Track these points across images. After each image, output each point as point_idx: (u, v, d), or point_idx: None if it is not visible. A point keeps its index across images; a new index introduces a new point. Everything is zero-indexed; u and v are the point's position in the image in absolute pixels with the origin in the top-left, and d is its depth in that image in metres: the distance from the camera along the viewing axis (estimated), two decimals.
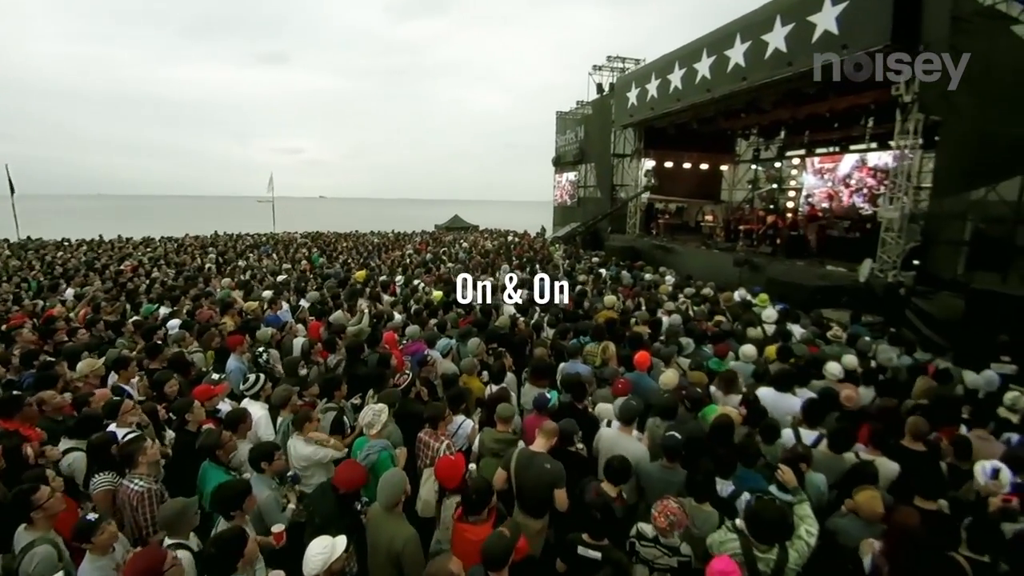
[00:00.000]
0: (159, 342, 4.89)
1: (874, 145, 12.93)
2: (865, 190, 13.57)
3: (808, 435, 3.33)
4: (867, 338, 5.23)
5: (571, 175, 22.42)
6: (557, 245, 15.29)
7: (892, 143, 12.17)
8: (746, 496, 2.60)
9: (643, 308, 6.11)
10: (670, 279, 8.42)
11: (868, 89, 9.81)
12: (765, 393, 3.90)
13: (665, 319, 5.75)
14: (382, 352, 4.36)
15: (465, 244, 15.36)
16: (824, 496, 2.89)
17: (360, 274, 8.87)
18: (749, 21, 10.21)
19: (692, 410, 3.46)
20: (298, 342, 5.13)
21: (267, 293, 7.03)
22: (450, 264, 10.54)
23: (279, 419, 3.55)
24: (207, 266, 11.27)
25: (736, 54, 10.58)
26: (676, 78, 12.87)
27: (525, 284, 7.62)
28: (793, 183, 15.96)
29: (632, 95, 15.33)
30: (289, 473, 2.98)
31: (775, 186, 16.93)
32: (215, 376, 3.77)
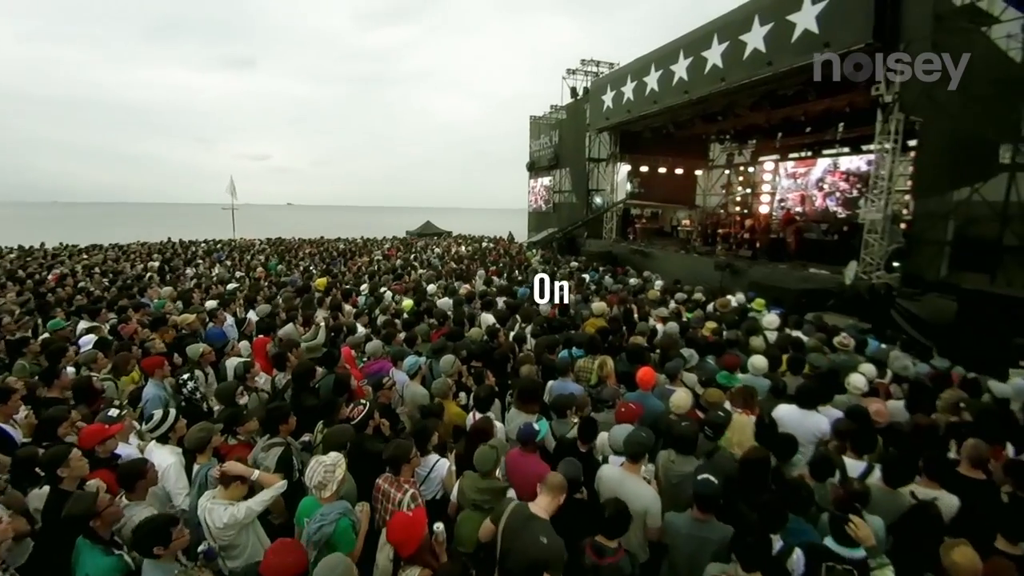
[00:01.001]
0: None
1: (846, 150, 13.07)
2: (838, 194, 13.70)
3: (854, 465, 2.82)
4: (882, 345, 4.84)
5: (546, 180, 22.06)
6: (534, 251, 14.74)
7: (865, 147, 12.45)
8: (800, 559, 2.02)
9: (635, 315, 5.57)
10: (658, 283, 7.97)
11: (845, 91, 9.77)
12: (786, 412, 3.40)
13: (659, 327, 5.23)
14: (340, 373, 3.62)
15: (438, 250, 14.59)
16: (882, 545, 2.36)
17: (321, 282, 8.01)
18: (727, 21, 10.04)
19: (713, 438, 2.88)
20: (232, 363, 4.29)
21: (210, 303, 6.12)
22: (421, 271, 9.79)
23: (196, 468, 2.76)
24: (148, 274, 10.11)
25: (714, 55, 10.39)
26: (652, 80, 12.65)
27: (504, 291, 6.99)
28: (767, 187, 16.04)
29: (607, 98, 15.08)
30: (202, 548, 2.21)
31: (749, 191, 17.03)
32: (112, 412, 2.93)
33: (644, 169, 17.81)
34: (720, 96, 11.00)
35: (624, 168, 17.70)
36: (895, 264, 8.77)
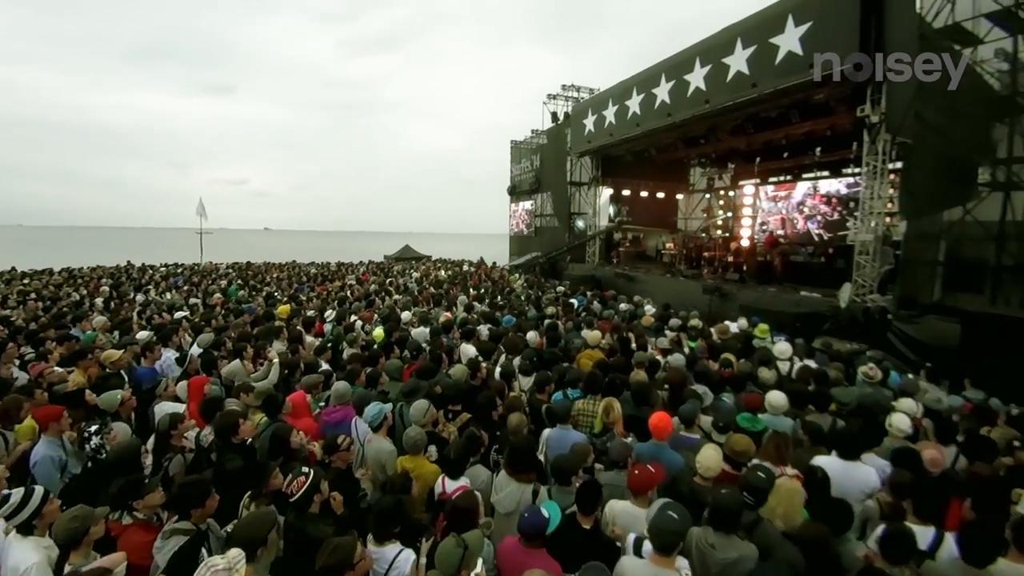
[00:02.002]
0: None
1: (825, 173, 13.17)
2: (819, 216, 13.74)
3: (921, 533, 2.25)
4: (909, 375, 4.39)
5: (527, 204, 21.86)
6: (517, 274, 14.22)
7: (846, 170, 12.56)
8: None
9: (632, 344, 5.01)
10: (649, 308, 7.48)
11: (828, 114, 9.79)
12: (826, 465, 2.84)
13: (660, 358, 4.68)
14: (278, 427, 2.89)
15: (416, 274, 13.88)
16: None
17: (283, 309, 7.22)
18: (709, 45, 10.03)
19: (755, 506, 2.28)
20: (163, 409, 3.51)
21: (142, 335, 5.29)
22: (397, 296, 9.08)
23: (67, 568, 2.00)
24: (91, 301, 9.10)
25: (696, 78, 10.35)
26: (634, 104, 12.60)
27: (487, 318, 6.35)
28: (748, 211, 16.08)
29: (589, 122, 15.03)
30: None
31: (730, 214, 17.06)
32: None
33: (626, 192, 17.82)
34: (703, 119, 10.93)
35: (606, 192, 17.64)
36: (889, 286, 8.63)
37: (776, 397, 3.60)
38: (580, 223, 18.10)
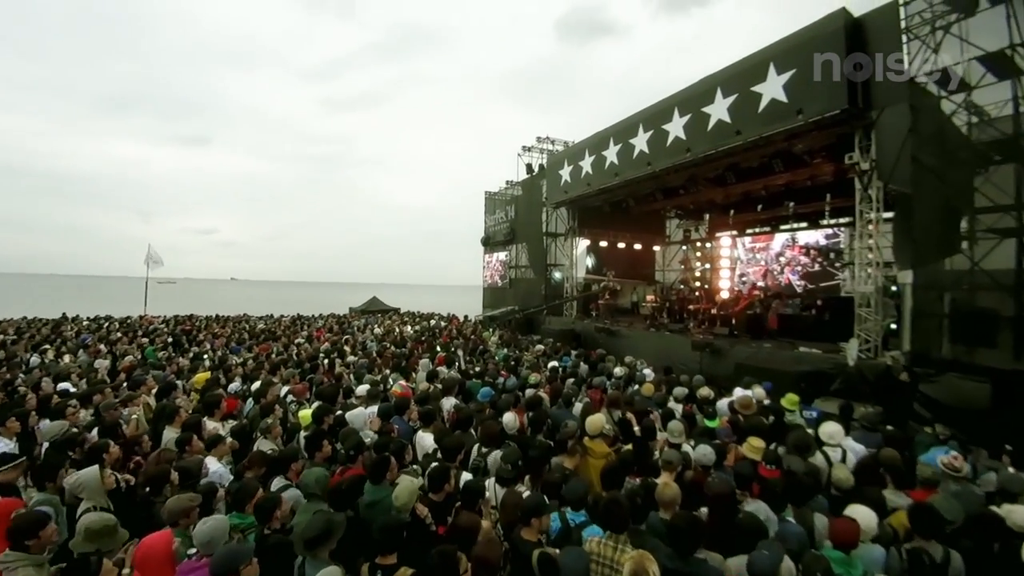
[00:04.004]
0: None
1: (804, 224, 13.02)
2: (799, 268, 13.45)
3: None
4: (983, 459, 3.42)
5: (501, 255, 21.18)
6: (492, 330, 13.05)
7: (824, 221, 12.41)
8: None
9: (634, 426, 3.86)
10: (648, 372, 6.42)
11: (811, 163, 9.58)
12: None
13: (667, 448, 3.53)
14: None
15: (378, 330, 12.43)
16: None
17: (199, 378, 5.77)
18: (687, 95, 9.86)
19: None
20: None
21: None
22: (352, 358, 7.71)
23: None
24: None
25: (675, 128, 10.09)
26: (612, 154, 12.31)
27: (454, 387, 5.09)
28: (726, 263, 15.79)
29: (565, 172, 14.70)
30: None
31: (707, 266, 16.75)
32: None
33: (603, 244, 17.41)
34: (684, 168, 10.61)
35: (583, 243, 17.17)
36: (892, 340, 8.01)
37: (863, 515, 2.52)
38: (557, 274, 17.42)
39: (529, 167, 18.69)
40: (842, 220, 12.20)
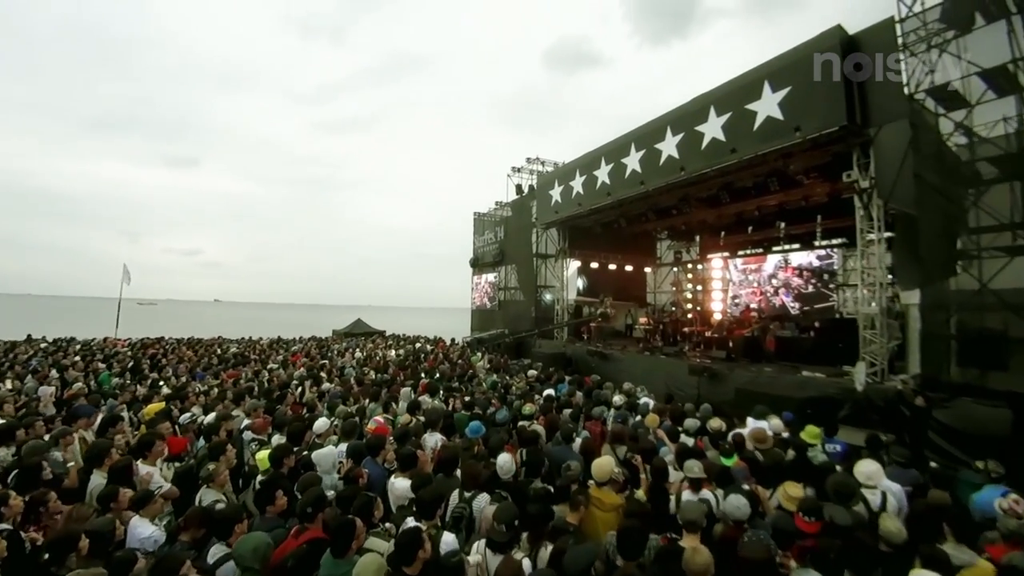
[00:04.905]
0: None
1: (796, 245, 12.89)
2: (792, 289, 13.25)
3: None
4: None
5: (490, 276, 20.75)
6: (480, 354, 12.47)
7: (818, 242, 12.29)
8: None
9: (641, 469, 3.35)
10: (647, 400, 5.91)
11: (808, 183, 9.43)
12: None
13: (690, 494, 3.03)
14: None
15: (359, 354, 11.75)
16: None
17: (150, 409, 5.11)
18: (680, 114, 9.74)
19: None
20: None
21: None
22: (327, 385, 7.07)
23: None
24: None
25: (669, 147, 9.93)
26: (603, 174, 12.11)
27: (439, 421, 4.53)
28: (718, 284, 15.58)
29: (556, 192, 14.48)
30: None
31: (699, 288, 16.53)
32: None
33: (594, 265, 17.12)
34: (678, 187, 10.42)
35: (574, 264, 16.87)
36: (898, 363, 7.70)
37: None
38: (548, 296, 17.01)
39: (519, 187, 18.52)
40: (835, 241, 12.11)
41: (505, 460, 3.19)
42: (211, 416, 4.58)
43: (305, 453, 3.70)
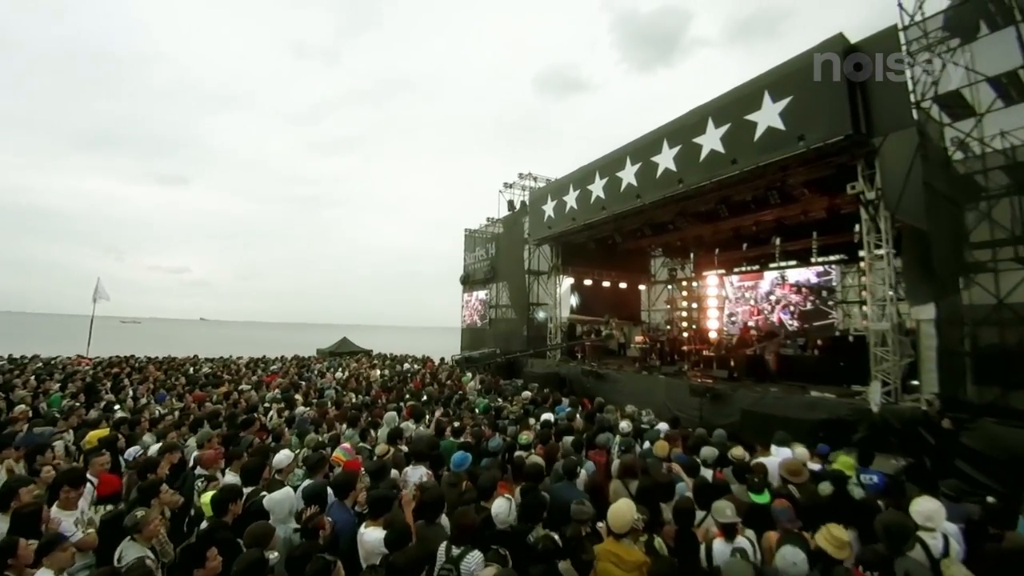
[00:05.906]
0: None
1: (793, 262, 12.65)
2: (791, 307, 12.95)
3: None
4: None
5: (481, 294, 20.24)
6: (470, 374, 11.85)
7: (815, 259, 12.06)
8: None
9: (666, 513, 2.82)
10: (661, 426, 5.39)
11: (809, 197, 9.20)
12: None
13: (722, 543, 2.51)
14: None
15: (340, 374, 11.06)
16: None
17: (93, 436, 4.46)
18: (676, 126, 9.53)
19: None
20: None
21: None
22: (301, 408, 6.43)
23: None
24: None
25: (665, 159, 9.68)
26: (598, 188, 11.83)
27: (429, 453, 3.95)
28: (713, 302, 15.26)
29: (549, 208, 14.16)
30: None
31: (695, 305, 16.19)
32: None
33: (587, 282, 16.71)
34: (675, 202, 10.13)
35: (567, 281, 16.46)
36: (910, 383, 7.31)
37: None
38: (541, 314, 16.54)
39: (511, 203, 18.24)
40: (832, 257, 11.89)
41: (501, 507, 2.61)
42: (157, 446, 3.95)
43: (263, 494, 3.10)
